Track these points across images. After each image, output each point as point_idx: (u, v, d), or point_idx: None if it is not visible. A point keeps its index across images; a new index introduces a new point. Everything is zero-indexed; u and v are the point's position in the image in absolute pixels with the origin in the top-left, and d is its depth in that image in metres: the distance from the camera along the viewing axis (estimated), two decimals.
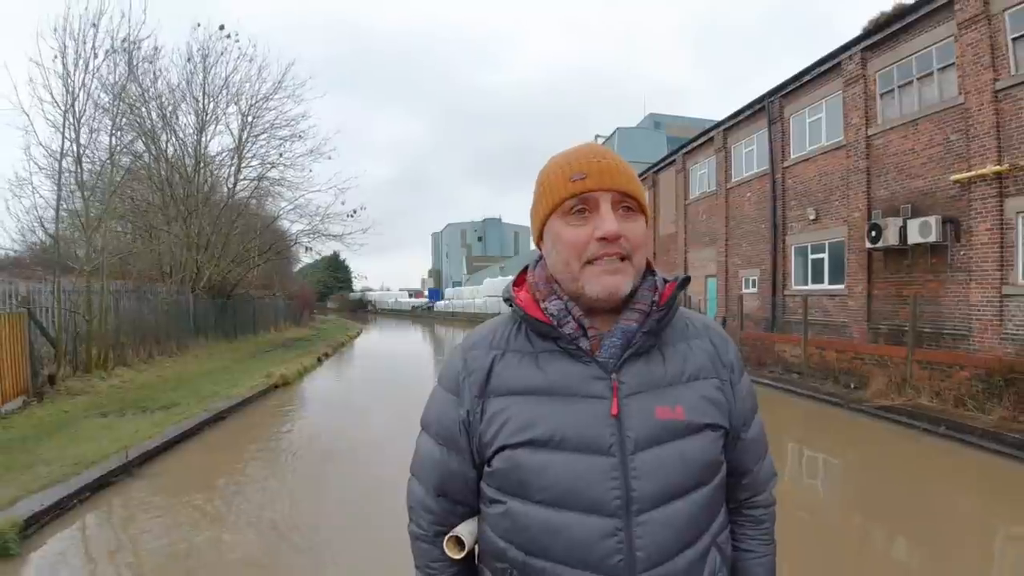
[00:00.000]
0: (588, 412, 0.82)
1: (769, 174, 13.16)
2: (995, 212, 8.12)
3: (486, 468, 0.88)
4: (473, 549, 0.93)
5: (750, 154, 14.31)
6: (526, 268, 0.97)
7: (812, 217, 11.77)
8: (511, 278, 0.98)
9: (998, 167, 8.01)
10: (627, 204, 0.84)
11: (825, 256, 11.58)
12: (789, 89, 12.48)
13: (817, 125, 11.82)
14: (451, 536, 0.92)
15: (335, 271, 66.02)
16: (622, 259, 0.82)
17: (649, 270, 0.91)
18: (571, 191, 0.83)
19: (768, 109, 13.08)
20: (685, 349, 0.90)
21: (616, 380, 0.84)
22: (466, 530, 0.92)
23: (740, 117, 14.52)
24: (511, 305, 0.91)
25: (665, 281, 0.91)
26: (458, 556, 0.92)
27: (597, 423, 0.82)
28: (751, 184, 14.17)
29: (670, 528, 0.81)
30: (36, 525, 4.03)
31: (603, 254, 0.81)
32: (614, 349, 0.85)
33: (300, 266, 36.34)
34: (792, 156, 12.59)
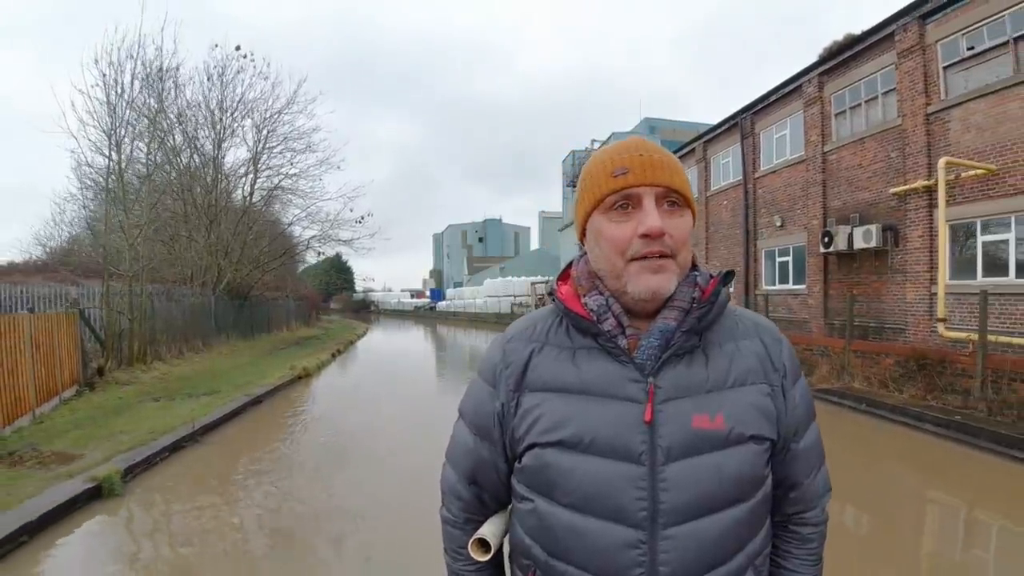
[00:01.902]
0: (620, 416, 0.79)
1: (742, 184, 14.38)
2: (926, 221, 9.32)
3: (517, 464, 0.87)
4: (500, 549, 0.95)
5: (726, 165, 15.53)
6: (571, 263, 0.95)
7: (778, 224, 12.98)
8: (511, 279, 1.37)
9: (928, 182, 9.20)
10: (672, 199, 0.81)
11: (790, 259, 12.80)
12: (759, 107, 13.70)
13: (782, 141, 13.04)
14: (475, 539, 0.93)
15: (338, 272, 67.20)
16: (666, 257, 0.79)
17: (693, 267, 0.87)
18: (612, 187, 0.80)
19: (741, 125, 14.31)
20: (732, 350, 0.85)
21: (653, 384, 0.80)
22: (490, 531, 0.93)
23: (718, 131, 15.74)
24: (553, 298, 0.90)
25: (710, 277, 0.86)
26: (483, 559, 0.92)
27: (629, 428, 0.79)
28: (727, 193, 15.39)
29: (699, 545, 0.77)
30: (131, 474, 5.25)
31: (646, 252, 0.78)
32: (651, 350, 0.81)
33: (303, 267, 37.58)
34: (762, 168, 13.82)
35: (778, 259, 13.24)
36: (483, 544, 0.92)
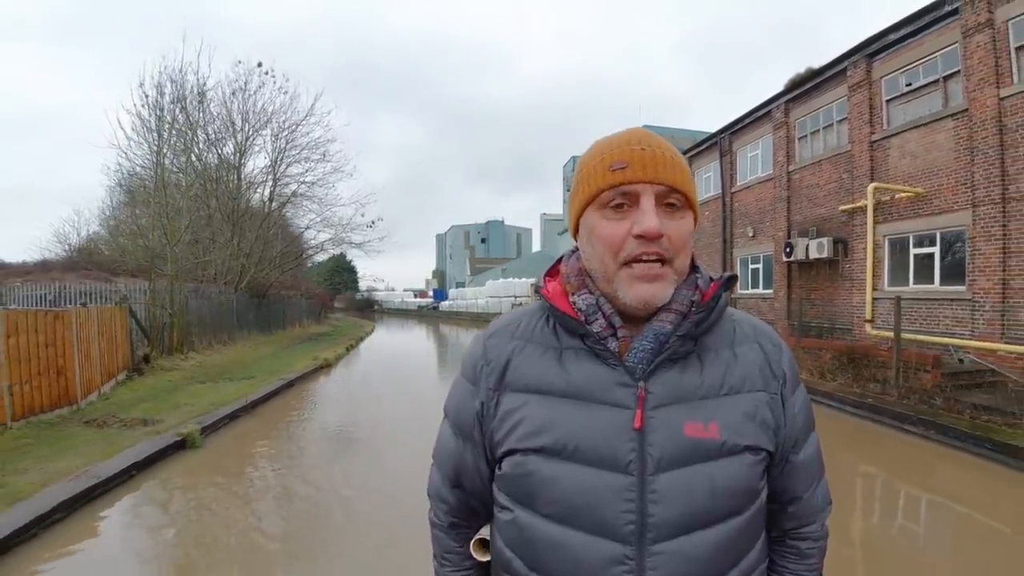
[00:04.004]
0: (608, 422, 0.76)
1: (721, 197, 15.78)
2: (869, 235, 10.68)
3: (496, 470, 0.84)
4: None
5: (708, 179, 16.94)
6: (560, 259, 0.90)
7: (751, 235, 14.39)
8: (512, 280, 1.71)
9: (876, 200, 10.56)
10: (672, 200, 0.76)
11: (760, 266, 14.21)
12: (736, 128, 15.11)
13: (755, 159, 14.46)
14: (478, 539, 0.91)
15: (343, 272, 68.59)
16: (662, 262, 0.75)
17: (693, 267, 0.83)
18: (609, 182, 0.76)
19: (720, 144, 15.73)
20: (728, 357, 0.81)
21: (643, 388, 0.76)
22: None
23: (701, 147, 17.16)
24: (539, 295, 0.86)
25: (710, 280, 0.83)
26: (485, 559, 0.90)
27: (616, 436, 0.75)
28: (709, 204, 16.79)
29: (690, 562, 0.74)
30: (204, 434, 6.66)
31: (641, 253, 0.74)
32: (644, 353, 0.77)
33: (308, 266, 39.06)
34: (738, 184, 15.25)
35: (750, 266, 14.65)
36: (484, 544, 0.90)
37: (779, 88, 13.52)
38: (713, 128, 17.04)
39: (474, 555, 0.91)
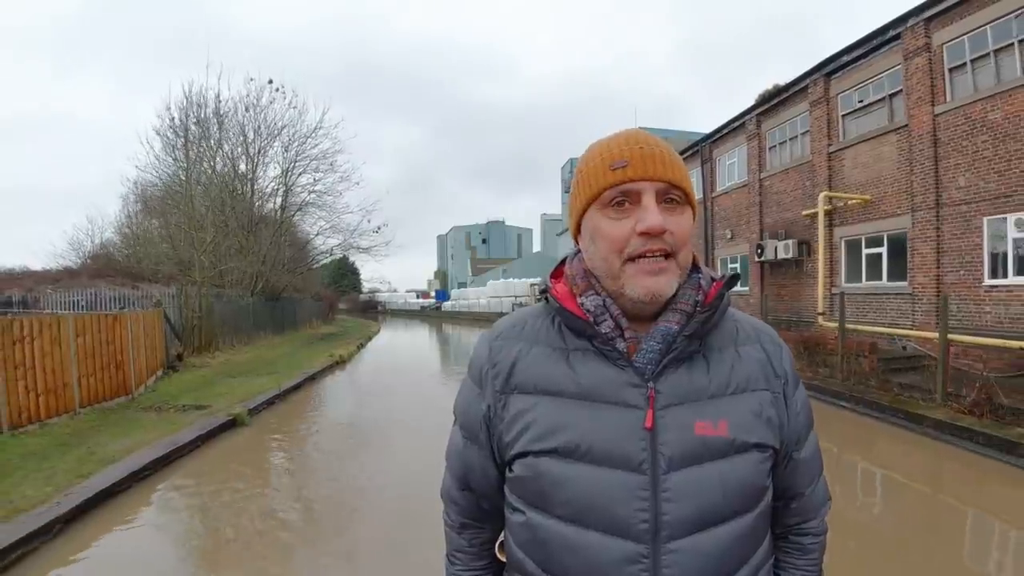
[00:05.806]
0: (619, 422, 0.77)
1: (702, 201, 16.99)
2: (826, 237, 11.89)
3: (508, 472, 0.84)
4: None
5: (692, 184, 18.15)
6: (564, 260, 0.91)
7: (729, 236, 15.61)
8: (513, 280, 2.19)
9: (829, 207, 11.77)
10: (673, 196, 0.78)
11: (738, 266, 15.41)
12: (715, 138, 16.35)
13: (732, 167, 15.70)
14: (501, 540, 0.93)
15: (346, 274, 69.73)
16: (666, 256, 0.77)
17: (694, 267, 0.84)
18: (611, 181, 0.77)
19: (701, 152, 16.95)
20: (733, 356, 0.83)
21: (653, 388, 0.78)
22: None
23: (685, 155, 18.33)
24: (546, 297, 0.87)
25: (712, 280, 0.84)
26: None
27: (628, 435, 0.76)
28: None
29: (703, 559, 0.76)
30: (250, 414, 7.90)
31: (646, 250, 0.76)
32: (652, 354, 0.79)
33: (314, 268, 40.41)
34: (718, 189, 16.47)
35: (729, 265, 15.88)
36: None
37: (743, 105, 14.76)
38: (708, 129, 18.26)
39: (500, 558, 0.93)
